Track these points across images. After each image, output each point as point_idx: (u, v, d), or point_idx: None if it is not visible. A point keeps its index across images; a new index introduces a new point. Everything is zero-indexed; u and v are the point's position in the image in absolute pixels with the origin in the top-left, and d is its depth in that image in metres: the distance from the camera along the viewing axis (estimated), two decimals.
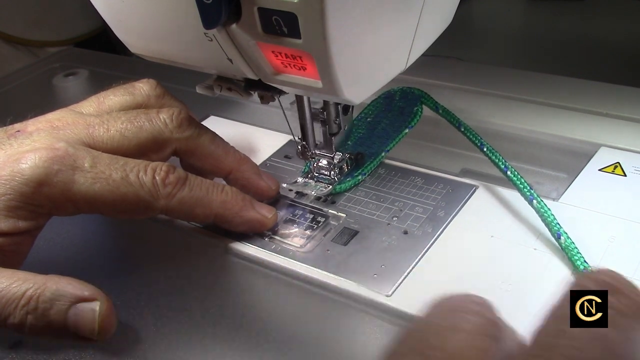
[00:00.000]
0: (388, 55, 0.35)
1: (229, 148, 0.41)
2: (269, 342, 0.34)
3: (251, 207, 0.39)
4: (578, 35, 0.76)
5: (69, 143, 0.36)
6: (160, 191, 0.36)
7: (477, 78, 0.56)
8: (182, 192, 0.37)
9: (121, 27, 0.39)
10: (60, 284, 0.32)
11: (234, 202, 0.38)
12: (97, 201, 0.35)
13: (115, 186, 0.35)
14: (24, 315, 0.31)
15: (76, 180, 0.34)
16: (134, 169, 0.36)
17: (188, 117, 0.40)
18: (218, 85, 0.40)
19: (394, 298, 0.35)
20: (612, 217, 0.38)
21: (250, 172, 0.41)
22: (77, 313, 0.32)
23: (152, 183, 0.36)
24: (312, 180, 0.44)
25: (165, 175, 0.36)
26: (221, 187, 0.38)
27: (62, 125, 0.38)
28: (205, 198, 0.37)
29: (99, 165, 0.35)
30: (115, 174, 0.35)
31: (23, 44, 0.85)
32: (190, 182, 0.37)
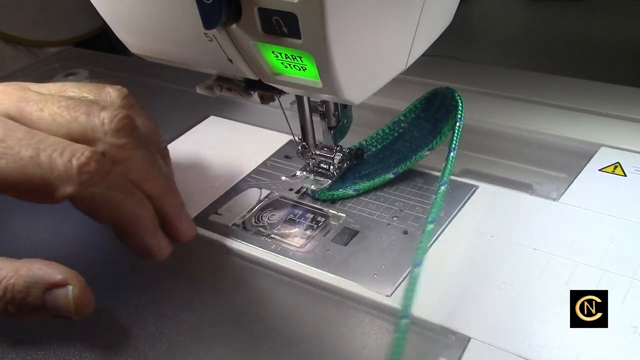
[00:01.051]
0: (388, 55, 0.35)
1: (161, 175, 0.36)
2: (269, 342, 0.34)
3: (154, 233, 0.35)
4: (578, 35, 0.76)
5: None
6: (74, 177, 0.31)
7: (477, 78, 0.56)
8: (98, 187, 0.32)
9: (121, 27, 0.39)
10: (31, 271, 0.31)
11: (143, 219, 0.34)
12: (1, 179, 0.31)
13: (22, 164, 0.31)
14: (4, 305, 0.31)
15: None
16: (49, 147, 0.31)
17: (132, 124, 0.35)
18: (218, 86, 0.40)
19: (394, 298, 0.35)
20: (612, 217, 0.38)
21: (172, 207, 0.36)
22: (53, 297, 0.31)
23: (66, 167, 0.31)
24: (312, 174, 0.44)
25: (87, 161, 0.31)
26: (139, 198, 0.34)
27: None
28: (119, 203, 0.33)
29: (10, 139, 0.31)
30: (25, 151, 0.31)
31: (23, 44, 0.85)
32: (111, 178, 0.33)
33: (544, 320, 0.32)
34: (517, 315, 0.33)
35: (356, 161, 0.44)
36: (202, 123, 0.55)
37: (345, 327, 0.34)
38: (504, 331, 0.32)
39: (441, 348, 0.32)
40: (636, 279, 0.33)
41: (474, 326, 0.32)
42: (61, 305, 0.31)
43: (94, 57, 0.76)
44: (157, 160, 0.36)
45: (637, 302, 0.32)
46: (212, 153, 0.50)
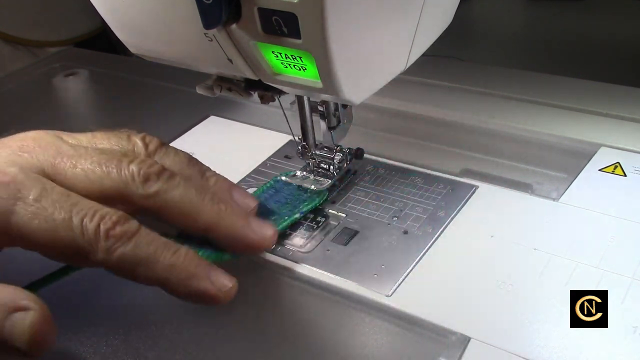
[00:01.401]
0: (388, 55, 0.35)
1: (206, 202, 0.35)
2: (269, 342, 0.34)
3: (205, 276, 0.33)
4: (578, 35, 0.76)
5: (23, 169, 0.32)
6: (101, 243, 0.31)
7: (477, 78, 0.56)
8: (125, 248, 0.31)
9: (121, 27, 0.39)
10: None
11: (183, 266, 0.33)
12: (32, 239, 0.31)
13: (54, 227, 0.31)
14: None
15: (16, 211, 0.31)
16: (81, 212, 0.31)
17: (159, 169, 0.34)
18: (218, 86, 0.40)
19: (394, 298, 0.35)
20: (612, 217, 0.38)
21: (235, 224, 0.35)
22: (12, 323, 0.29)
23: (95, 232, 0.31)
24: (311, 174, 0.44)
25: (112, 225, 0.31)
26: (175, 249, 0.33)
27: (30, 148, 0.34)
28: (151, 258, 0.32)
29: (44, 200, 0.31)
30: (57, 214, 0.31)
31: (23, 44, 0.85)
32: (138, 238, 0.32)
33: (544, 320, 0.32)
34: (517, 315, 0.33)
35: (357, 160, 0.44)
36: (202, 123, 0.55)
37: (345, 327, 0.34)
38: (504, 331, 0.32)
39: (441, 348, 0.32)
40: (636, 279, 0.33)
41: (474, 326, 0.32)
42: (18, 333, 0.29)
43: (94, 57, 0.75)
44: (196, 191, 0.35)
45: (637, 302, 0.32)
46: (212, 153, 0.50)
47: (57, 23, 0.87)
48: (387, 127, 0.51)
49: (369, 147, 0.46)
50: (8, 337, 0.29)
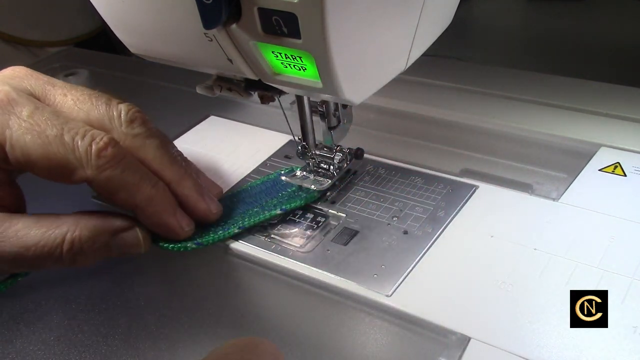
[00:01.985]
0: (388, 55, 0.35)
1: (175, 160, 0.39)
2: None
3: (173, 213, 0.37)
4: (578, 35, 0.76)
5: (14, 88, 0.35)
6: (92, 161, 0.34)
7: (477, 78, 0.56)
8: (114, 171, 0.34)
9: (121, 27, 0.39)
10: (90, 222, 0.35)
11: (160, 200, 0.36)
12: (25, 153, 0.33)
13: (47, 142, 0.33)
14: (72, 256, 0.34)
15: (10, 125, 0.33)
16: (72, 130, 0.34)
17: (144, 117, 0.38)
18: (218, 86, 0.40)
19: (394, 298, 0.35)
20: (612, 217, 0.38)
21: (191, 189, 0.39)
22: (120, 240, 0.36)
23: (86, 150, 0.34)
24: (311, 174, 0.44)
25: (104, 146, 0.34)
26: (155, 181, 0.36)
27: (23, 75, 0.37)
28: (134, 186, 0.35)
29: (37, 116, 0.34)
30: (50, 130, 0.33)
31: (23, 44, 0.85)
32: (125, 163, 0.35)
33: (544, 320, 0.32)
34: (517, 315, 0.33)
35: (357, 160, 0.44)
36: (202, 123, 0.55)
37: (345, 327, 0.34)
38: (504, 331, 0.32)
39: (441, 348, 0.32)
40: (636, 279, 0.33)
41: (474, 326, 0.32)
42: (130, 245, 0.36)
43: (94, 57, 0.75)
44: (171, 148, 0.39)
45: (637, 302, 0.32)
46: (212, 153, 0.50)
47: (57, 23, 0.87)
48: (387, 127, 0.51)
49: (369, 147, 0.46)
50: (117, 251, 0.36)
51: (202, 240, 0.39)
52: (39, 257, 0.34)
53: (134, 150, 0.37)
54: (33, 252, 0.34)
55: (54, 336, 0.36)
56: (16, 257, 0.34)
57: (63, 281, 0.39)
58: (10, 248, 0.34)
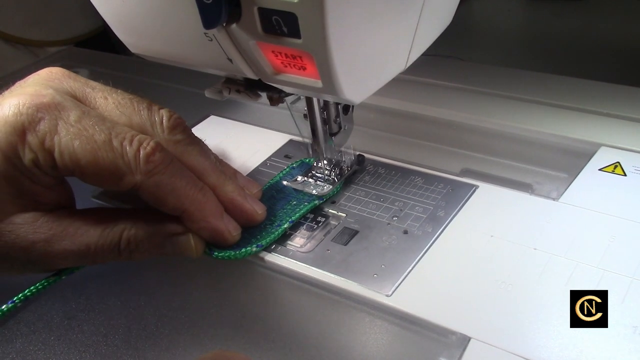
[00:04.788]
0: (388, 55, 0.35)
1: (216, 166, 0.39)
2: (269, 341, 0.34)
3: (220, 217, 0.37)
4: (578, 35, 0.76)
5: (57, 91, 0.34)
6: (141, 166, 0.34)
7: (477, 78, 0.56)
8: (162, 175, 0.34)
9: (121, 27, 0.39)
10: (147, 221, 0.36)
11: (208, 205, 0.36)
12: (74, 159, 0.33)
13: (96, 147, 0.33)
14: (129, 253, 0.36)
15: (59, 131, 0.33)
16: (120, 135, 0.34)
17: (184, 123, 0.38)
18: (227, 88, 0.40)
19: (394, 298, 0.35)
20: (612, 217, 0.38)
21: (234, 192, 0.38)
22: (174, 243, 0.36)
23: (135, 155, 0.34)
24: (312, 179, 0.44)
25: (152, 151, 0.34)
26: (201, 185, 0.36)
27: (61, 76, 0.36)
28: (182, 190, 0.35)
29: (85, 121, 0.33)
30: (98, 135, 0.33)
31: (23, 44, 0.85)
32: (173, 168, 0.35)
33: (544, 320, 0.32)
34: (517, 315, 0.33)
35: (358, 167, 0.44)
36: (202, 123, 0.55)
37: (345, 327, 0.34)
38: (504, 331, 0.32)
39: (441, 348, 0.32)
40: (636, 279, 0.33)
41: (474, 326, 0.32)
42: (183, 249, 0.37)
43: (94, 57, 0.76)
44: (210, 154, 0.39)
45: (637, 302, 0.32)
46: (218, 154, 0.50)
47: (57, 23, 0.87)
48: (387, 127, 0.51)
49: (369, 147, 0.46)
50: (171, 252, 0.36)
51: (263, 242, 0.39)
52: (100, 253, 0.35)
53: (177, 156, 0.37)
54: (94, 249, 0.35)
55: (54, 336, 0.36)
56: (79, 254, 0.35)
57: (63, 281, 0.39)
58: (71, 246, 0.35)
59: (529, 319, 0.32)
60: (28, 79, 0.36)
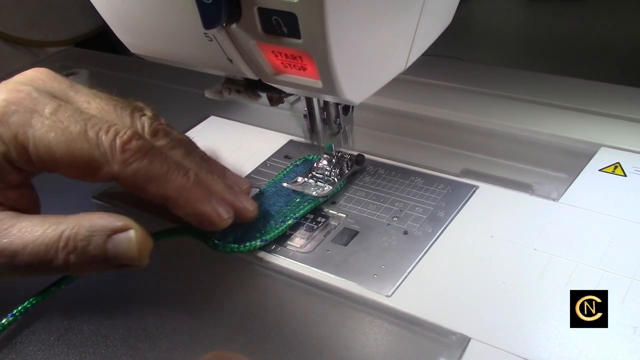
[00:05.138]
0: (388, 55, 0.35)
1: (202, 167, 0.38)
2: (269, 342, 0.34)
3: (208, 201, 0.36)
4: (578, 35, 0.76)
5: (35, 88, 0.34)
6: (117, 156, 0.33)
7: (477, 78, 0.56)
8: (140, 163, 0.34)
9: (121, 27, 0.39)
10: (92, 220, 0.33)
11: (192, 189, 0.35)
12: (49, 152, 0.33)
13: (71, 139, 0.32)
14: (66, 256, 0.32)
15: (32, 124, 0.32)
16: (96, 125, 0.33)
17: (167, 129, 0.37)
18: (227, 89, 0.40)
19: (394, 298, 0.35)
20: (612, 217, 0.38)
21: (223, 192, 0.38)
22: (115, 244, 0.33)
23: (111, 145, 0.33)
24: (312, 180, 0.44)
25: (128, 140, 0.33)
26: (185, 170, 0.35)
27: (45, 77, 0.36)
28: (163, 177, 0.34)
29: (60, 113, 0.33)
30: (73, 127, 0.33)
31: (23, 44, 0.85)
32: (152, 155, 0.34)
33: (544, 320, 0.32)
34: (517, 315, 0.33)
35: (357, 166, 0.44)
36: (202, 123, 0.56)
37: (345, 327, 0.34)
38: (504, 331, 0.32)
39: (441, 348, 0.32)
40: (636, 279, 0.33)
41: (474, 326, 0.32)
42: (124, 251, 0.33)
43: (94, 57, 0.76)
44: (196, 156, 0.38)
45: (637, 302, 0.32)
46: (212, 153, 0.50)
47: (57, 23, 0.87)
48: (387, 127, 0.51)
49: (368, 147, 0.46)
50: (112, 257, 0.33)
51: (267, 237, 0.39)
52: (36, 255, 0.32)
53: None
54: (30, 249, 0.32)
55: (54, 336, 0.36)
56: (15, 255, 0.32)
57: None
58: (9, 245, 0.32)
59: (529, 319, 0.32)
60: (13, 78, 0.36)
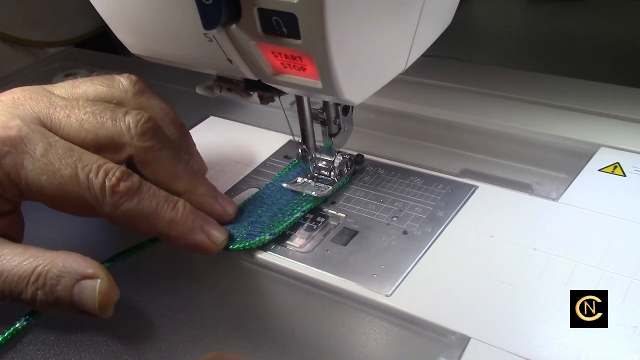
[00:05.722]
0: (388, 55, 0.35)
1: (187, 168, 0.39)
2: (269, 342, 0.34)
3: (200, 229, 0.37)
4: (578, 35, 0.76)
5: (25, 122, 0.34)
6: (107, 199, 0.34)
7: (477, 78, 0.56)
8: (129, 204, 0.34)
9: (121, 27, 0.39)
10: (67, 261, 0.33)
11: (182, 222, 0.36)
12: (41, 192, 0.33)
13: (62, 182, 0.33)
14: (34, 291, 0.32)
15: (25, 165, 0.33)
16: (86, 167, 0.34)
17: (155, 126, 0.37)
18: (218, 86, 0.40)
19: (394, 298, 0.35)
20: (612, 217, 0.38)
21: (205, 195, 0.39)
22: (81, 290, 0.33)
23: (100, 188, 0.34)
24: (312, 180, 0.44)
25: (117, 182, 0.34)
26: (173, 203, 0.36)
27: (24, 100, 0.36)
28: (153, 214, 0.35)
29: (51, 154, 0.33)
30: (64, 170, 0.33)
31: (23, 44, 0.85)
32: (141, 194, 0.35)
33: (544, 320, 0.32)
34: (517, 315, 0.33)
35: (357, 166, 0.44)
36: (202, 123, 0.56)
37: (345, 327, 0.34)
38: (504, 331, 0.32)
39: (441, 348, 0.32)
40: (636, 279, 0.33)
41: (474, 326, 0.32)
42: (87, 299, 0.33)
43: (94, 57, 0.76)
44: (182, 157, 0.39)
45: (637, 302, 0.32)
46: (211, 153, 0.50)
47: (57, 23, 0.87)
48: (387, 127, 0.51)
49: (368, 148, 0.46)
50: (77, 302, 0.33)
51: (276, 230, 0.39)
52: (9, 284, 0.33)
53: (147, 163, 0.37)
54: (4, 278, 0.32)
55: (54, 336, 0.36)
56: None
57: None
58: None
59: (528, 319, 0.32)
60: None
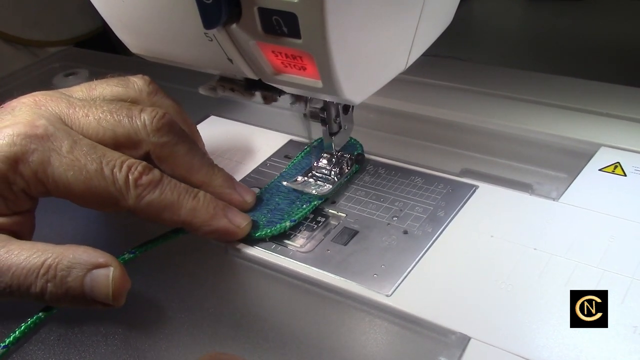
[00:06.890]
0: (388, 55, 0.35)
1: (204, 161, 0.40)
2: (269, 342, 0.34)
3: (223, 215, 0.38)
4: (578, 35, 0.76)
5: (49, 121, 0.35)
6: (131, 191, 0.35)
7: (477, 78, 0.56)
8: (152, 195, 0.36)
9: (121, 27, 0.39)
10: (76, 252, 0.33)
11: (204, 209, 0.37)
12: (68, 188, 0.35)
13: (89, 177, 0.35)
14: (44, 283, 0.33)
15: (52, 162, 0.34)
16: (110, 162, 0.35)
17: (170, 122, 0.39)
18: (221, 86, 0.40)
19: (394, 298, 0.35)
20: (612, 217, 0.38)
21: (223, 186, 0.40)
22: (93, 279, 0.33)
23: (125, 181, 0.35)
24: (312, 179, 0.44)
25: (139, 175, 0.36)
26: (194, 193, 0.37)
27: (44, 101, 0.37)
28: (175, 204, 0.36)
29: (76, 151, 0.35)
30: (90, 165, 0.35)
31: (23, 44, 0.85)
32: (162, 185, 0.36)
33: (544, 320, 0.32)
34: (517, 315, 0.33)
35: (358, 166, 0.44)
36: (202, 123, 0.56)
37: (345, 327, 0.34)
38: (504, 331, 0.32)
39: (441, 348, 0.32)
40: (636, 279, 0.33)
41: (474, 326, 0.32)
42: (100, 288, 0.33)
43: (94, 57, 0.76)
44: (198, 150, 0.40)
45: (637, 302, 0.32)
46: (212, 153, 0.50)
47: (57, 23, 0.87)
48: (387, 127, 0.51)
49: (369, 147, 0.46)
50: (89, 292, 0.33)
51: (296, 217, 0.40)
52: (17, 279, 0.33)
53: (164, 158, 0.38)
54: (12, 272, 0.33)
55: (54, 336, 0.36)
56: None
57: None
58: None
59: (529, 319, 0.32)
60: (15, 106, 0.37)
